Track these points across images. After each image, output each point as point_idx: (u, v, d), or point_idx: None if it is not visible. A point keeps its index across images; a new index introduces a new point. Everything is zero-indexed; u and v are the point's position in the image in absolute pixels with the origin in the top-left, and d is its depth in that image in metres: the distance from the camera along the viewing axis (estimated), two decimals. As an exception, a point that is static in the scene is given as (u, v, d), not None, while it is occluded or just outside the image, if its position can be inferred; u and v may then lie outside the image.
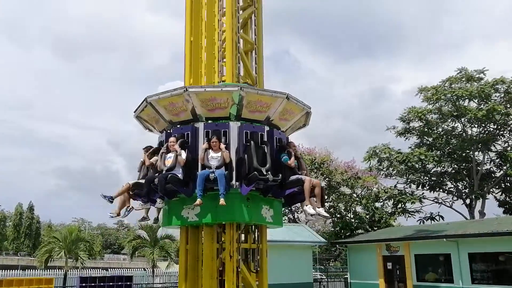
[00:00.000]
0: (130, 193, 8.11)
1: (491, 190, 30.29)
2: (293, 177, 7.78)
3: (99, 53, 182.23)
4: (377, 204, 30.79)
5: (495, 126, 29.08)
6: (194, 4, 9.60)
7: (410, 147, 30.77)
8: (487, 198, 29.94)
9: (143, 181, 7.97)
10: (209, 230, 8.04)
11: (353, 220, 30.39)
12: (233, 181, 7.57)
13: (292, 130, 9.08)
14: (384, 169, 30.91)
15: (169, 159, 7.62)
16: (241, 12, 9.73)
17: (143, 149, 8.58)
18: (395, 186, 31.12)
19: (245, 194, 7.48)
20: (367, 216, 30.39)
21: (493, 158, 30.55)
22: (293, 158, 7.88)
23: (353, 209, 31.08)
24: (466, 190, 30.70)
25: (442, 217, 29.78)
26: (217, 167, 7.38)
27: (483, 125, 29.06)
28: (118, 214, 8.04)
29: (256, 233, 8.60)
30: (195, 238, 8.35)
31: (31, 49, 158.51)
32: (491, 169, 30.87)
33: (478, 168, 29.65)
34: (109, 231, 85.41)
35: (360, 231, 29.60)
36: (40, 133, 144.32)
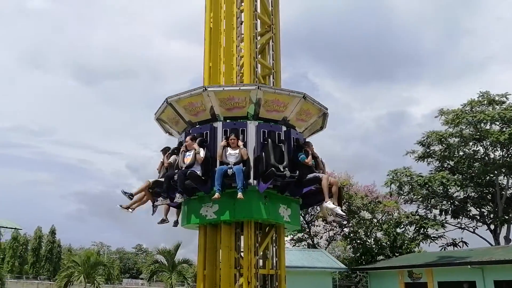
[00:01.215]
0: (150, 190, 8.26)
1: (517, 215, 29.37)
2: (310, 175, 7.80)
3: (119, 79, 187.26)
4: (398, 230, 30.15)
5: (519, 150, 28.48)
6: (213, 31, 9.87)
7: (430, 171, 30.25)
8: (513, 224, 29.01)
9: (163, 179, 8.12)
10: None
11: (373, 246, 29.75)
12: (251, 179, 7.64)
13: (309, 132, 9.16)
14: (405, 194, 30.35)
15: (188, 156, 7.80)
16: (259, 38, 9.94)
17: (161, 150, 8.80)
18: (416, 211, 30.50)
19: (263, 191, 7.53)
20: (388, 242, 29.72)
21: (517, 183, 29.75)
22: (310, 156, 7.92)
23: (374, 234, 30.44)
24: (491, 215, 29.83)
25: (466, 243, 28.92)
26: (235, 163, 7.49)
27: (506, 148, 28.49)
28: (127, 208, 8.16)
29: (274, 259, 8.53)
30: (213, 260, 8.31)
31: (54, 75, 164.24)
32: (516, 193, 30.02)
33: (503, 192, 28.88)
34: (128, 255, 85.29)
35: (381, 257, 28.92)
36: (61, 158, 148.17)
